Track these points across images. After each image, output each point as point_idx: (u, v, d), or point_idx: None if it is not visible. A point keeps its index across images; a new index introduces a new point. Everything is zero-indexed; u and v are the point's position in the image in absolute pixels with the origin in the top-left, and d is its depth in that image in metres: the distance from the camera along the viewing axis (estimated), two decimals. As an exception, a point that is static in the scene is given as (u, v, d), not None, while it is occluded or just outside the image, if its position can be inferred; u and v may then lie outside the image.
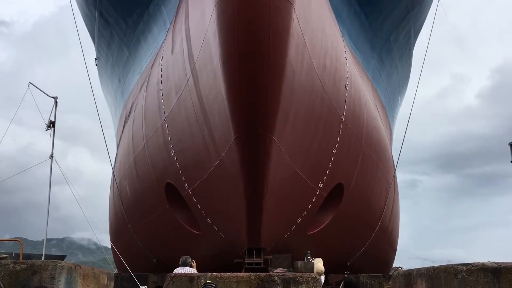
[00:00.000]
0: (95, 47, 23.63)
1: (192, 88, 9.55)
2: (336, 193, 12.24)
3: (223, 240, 10.81)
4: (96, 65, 24.82)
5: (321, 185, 11.04)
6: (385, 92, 21.86)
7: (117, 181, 17.16)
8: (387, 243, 19.93)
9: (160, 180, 12.33)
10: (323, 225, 12.37)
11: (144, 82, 15.79)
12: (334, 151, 11.26)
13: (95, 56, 24.46)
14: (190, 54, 9.52)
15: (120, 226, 18.19)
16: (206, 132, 9.29)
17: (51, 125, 15.21)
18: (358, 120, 12.79)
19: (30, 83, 15.60)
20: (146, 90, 13.70)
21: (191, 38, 9.58)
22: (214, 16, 7.79)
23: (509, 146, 22.64)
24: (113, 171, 18.62)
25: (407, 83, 26.27)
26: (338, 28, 12.72)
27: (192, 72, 9.47)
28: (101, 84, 26.19)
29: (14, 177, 17.73)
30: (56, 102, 15.64)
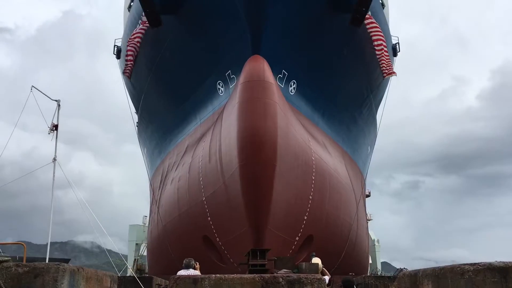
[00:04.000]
0: (138, 116, 31.63)
1: (223, 190, 17.32)
2: (308, 240, 19.91)
3: (241, 272, 18.46)
4: (137, 126, 32.80)
5: (297, 238, 18.72)
6: (354, 150, 29.57)
7: (163, 223, 24.87)
8: (354, 265, 27.58)
9: (199, 233, 19.98)
10: (301, 259, 20.02)
11: (183, 159, 23.52)
12: (306, 217, 18.96)
13: (137, 121, 32.50)
14: (223, 172, 17.33)
15: (164, 253, 25.89)
16: (232, 216, 16.99)
17: (54, 128, 15.21)
18: (323, 193, 20.45)
19: (32, 86, 15.23)
20: (188, 172, 21.37)
21: (223, 165, 17.36)
22: (237, 172, 15.66)
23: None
24: (158, 213, 26.40)
25: (375, 135, 34.12)
26: (308, 135, 20.42)
27: (223, 182, 17.28)
28: (138, 139, 34.12)
29: (18, 181, 17.43)
30: (58, 105, 15.57)
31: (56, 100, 15.70)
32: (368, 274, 40.15)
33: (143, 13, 20.49)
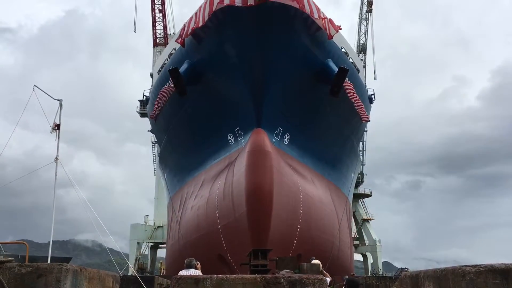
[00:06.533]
0: (160, 148, 38.24)
1: (234, 223, 23.71)
2: (298, 258, 26.33)
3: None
4: (159, 156, 39.42)
5: (289, 257, 25.17)
6: (339, 180, 36.08)
7: (184, 241, 31.29)
8: (339, 272, 34.00)
9: (215, 252, 26.35)
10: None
11: (200, 192, 29.93)
12: (295, 241, 25.41)
13: (159, 152, 39.09)
14: (234, 211, 23.71)
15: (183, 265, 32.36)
16: (240, 241, 23.37)
17: (56, 128, 15.26)
18: (309, 222, 26.87)
19: (35, 85, 15.33)
20: (206, 204, 27.82)
21: (235, 205, 23.76)
22: (245, 214, 22.04)
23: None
24: (179, 232, 32.90)
25: (357, 163, 40.66)
26: (298, 178, 26.82)
27: (234, 217, 23.68)
28: (160, 165, 40.75)
29: (21, 180, 17.45)
30: (61, 105, 15.59)
31: (58, 100, 15.72)
32: (370, 274, 46.51)
33: (171, 82, 26.82)
